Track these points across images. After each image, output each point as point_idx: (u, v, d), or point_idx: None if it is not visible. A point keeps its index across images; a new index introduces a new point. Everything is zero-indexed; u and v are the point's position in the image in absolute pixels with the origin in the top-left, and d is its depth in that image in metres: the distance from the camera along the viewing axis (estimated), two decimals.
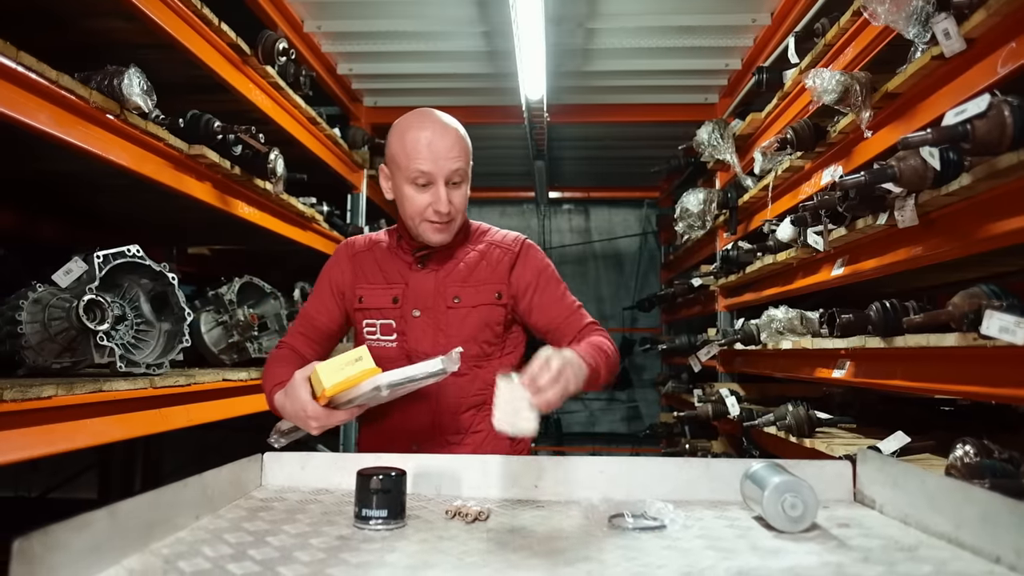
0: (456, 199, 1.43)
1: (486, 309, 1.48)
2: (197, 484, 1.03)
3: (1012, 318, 1.26)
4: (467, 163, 1.45)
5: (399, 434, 1.47)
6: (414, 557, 0.90)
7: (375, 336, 1.50)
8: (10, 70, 1.39)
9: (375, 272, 1.52)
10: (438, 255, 1.50)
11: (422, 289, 1.48)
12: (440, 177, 1.39)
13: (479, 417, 1.47)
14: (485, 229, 1.58)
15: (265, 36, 2.43)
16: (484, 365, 1.48)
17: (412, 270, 1.50)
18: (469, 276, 1.49)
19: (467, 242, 1.54)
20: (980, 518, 0.89)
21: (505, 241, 1.54)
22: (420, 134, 1.40)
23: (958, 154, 1.46)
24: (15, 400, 1.36)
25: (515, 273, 1.51)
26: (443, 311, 1.47)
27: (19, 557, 0.68)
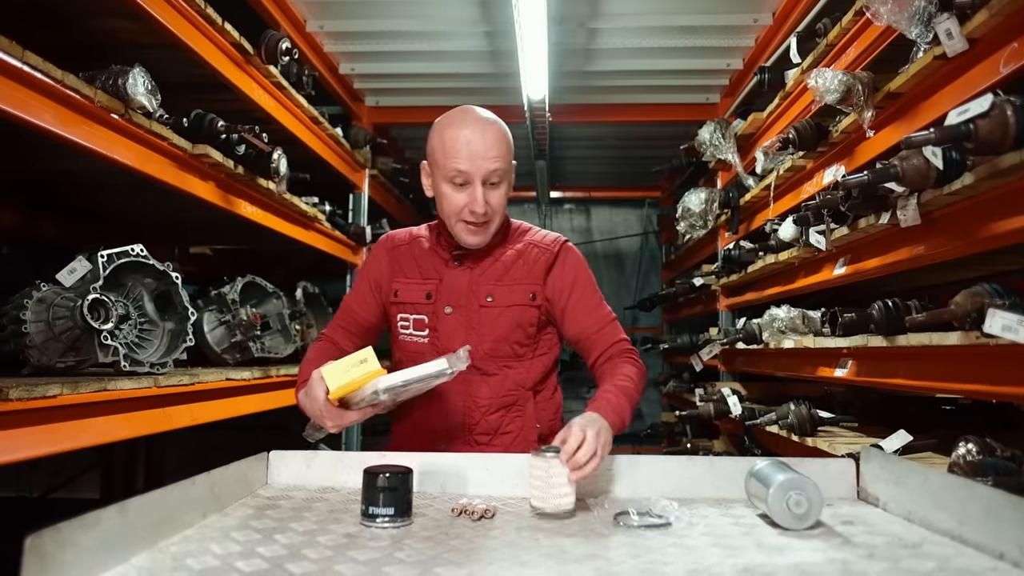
0: (494, 200, 1.41)
1: (519, 309, 1.46)
2: (205, 482, 1.03)
3: (1015, 316, 1.26)
4: (507, 163, 1.42)
5: (428, 433, 1.47)
6: (422, 554, 0.90)
7: (408, 331, 1.50)
8: (16, 69, 1.39)
9: (412, 267, 1.52)
10: (475, 252, 1.49)
11: (455, 286, 1.47)
12: (477, 177, 1.37)
13: (508, 418, 1.47)
14: (526, 228, 1.56)
15: (268, 36, 2.44)
16: (515, 366, 1.47)
17: (448, 267, 1.49)
18: (504, 275, 1.48)
19: (506, 241, 1.52)
20: (983, 515, 0.90)
21: (544, 241, 1.53)
22: (459, 132, 1.38)
23: (961, 153, 1.47)
24: (20, 399, 1.37)
25: (552, 275, 1.49)
26: (475, 309, 1.45)
27: (31, 554, 0.68)
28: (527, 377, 1.48)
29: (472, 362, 1.41)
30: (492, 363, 1.46)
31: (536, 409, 1.50)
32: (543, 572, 0.84)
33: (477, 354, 1.43)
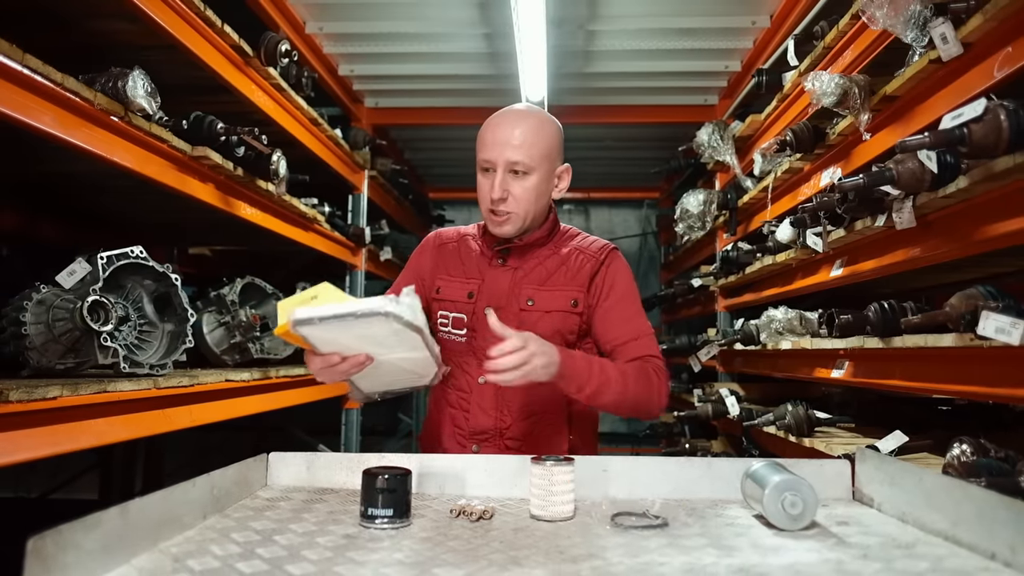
0: (516, 189, 1.41)
1: (560, 316, 1.44)
2: (205, 484, 1.04)
3: (1008, 319, 1.27)
4: (536, 158, 1.41)
5: (461, 434, 1.47)
6: (421, 555, 0.91)
7: (447, 328, 1.49)
8: (16, 72, 1.40)
9: (456, 264, 1.52)
10: (518, 253, 1.49)
11: (497, 287, 1.47)
12: (500, 164, 1.40)
13: (541, 426, 1.46)
14: (575, 233, 1.57)
15: (268, 38, 2.44)
16: None
17: (491, 266, 1.49)
18: (546, 280, 1.47)
19: (551, 243, 1.52)
20: (976, 515, 0.91)
21: (591, 248, 1.52)
22: (495, 121, 1.44)
23: (955, 157, 1.48)
24: (21, 401, 1.37)
25: (595, 282, 1.47)
26: (516, 312, 1.44)
27: (33, 556, 0.69)
28: None
29: None
30: None
31: (570, 420, 1.48)
32: (541, 572, 0.85)
33: None
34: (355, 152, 3.65)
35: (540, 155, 1.42)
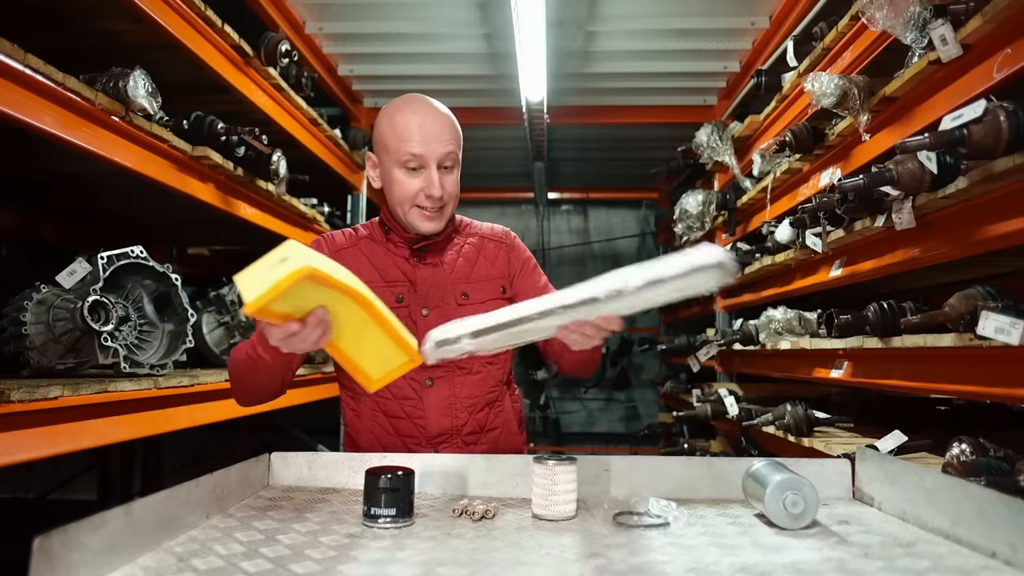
0: (448, 184, 1.39)
1: (493, 304, 1.42)
2: (208, 483, 1.04)
3: (1007, 319, 1.28)
4: (459, 148, 1.41)
5: (415, 442, 1.42)
6: (424, 554, 0.91)
7: None
8: (18, 72, 1.40)
9: (367, 269, 1.43)
10: (434, 248, 1.45)
11: (429, 287, 1.43)
12: (432, 160, 1.36)
13: (491, 414, 1.46)
14: (467, 221, 1.56)
15: (268, 38, 2.45)
16: (495, 361, 1.46)
17: (412, 265, 1.44)
18: (472, 272, 1.47)
19: (457, 234, 1.51)
20: (977, 514, 0.91)
21: (496, 234, 1.54)
22: (411, 116, 1.36)
23: (955, 158, 1.49)
24: (22, 401, 1.38)
25: (511, 264, 1.51)
26: (454, 308, 1.42)
27: (40, 555, 0.69)
28: (504, 371, 1.49)
29: (455, 362, 1.39)
30: (475, 360, 1.43)
31: (511, 402, 1.51)
32: (543, 571, 0.85)
33: None
34: (354, 152, 3.65)
35: (460, 145, 1.42)
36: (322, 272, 0.90)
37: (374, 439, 1.44)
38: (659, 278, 0.88)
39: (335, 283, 0.93)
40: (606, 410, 6.29)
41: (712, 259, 0.87)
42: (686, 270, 0.87)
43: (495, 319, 0.95)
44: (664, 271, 0.89)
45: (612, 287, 0.90)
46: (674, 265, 0.88)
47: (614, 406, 6.29)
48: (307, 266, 0.87)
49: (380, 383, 1.03)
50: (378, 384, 1.01)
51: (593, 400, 6.23)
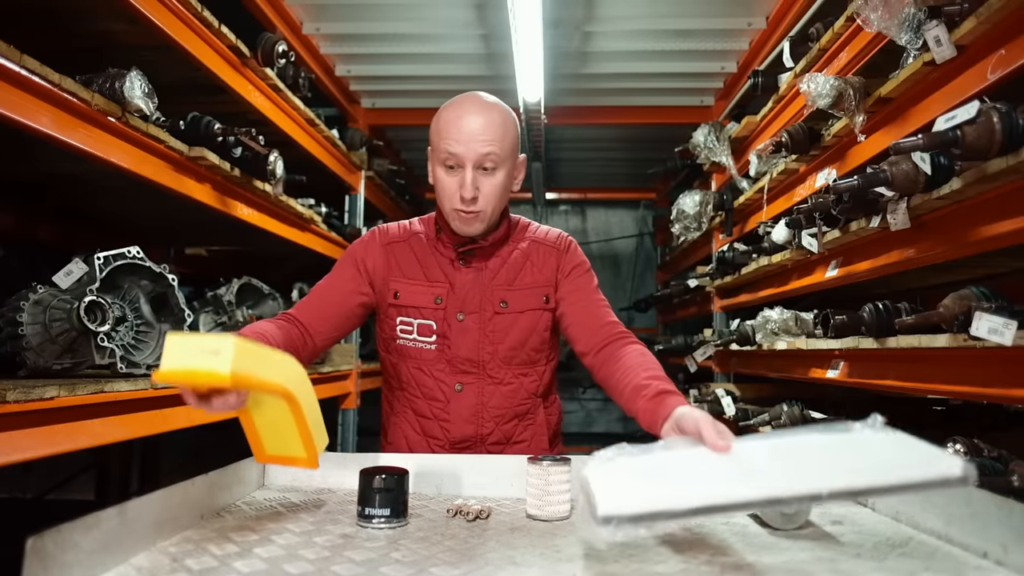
0: (486, 187, 1.32)
1: (534, 315, 1.41)
2: (203, 483, 1.04)
3: (1001, 320, 1.28)
4: (504, 150, 1.33)
5: (439, 444, 1.42)
6: (418, 554, 0.91)
7: (411, 336, 1.41)
8: (14, 73, 1.40)
9: (413, 266, 1.42)
10: (481, 252, 1.42)
11: (468, 291, 1.40)
12: (469, 160, 1.30)
13: (521, 427, 1.43)
14: (527, 224, 1.50)
15: (265, 38, 2.45)
16: (529, 373, 1.43)
17: (455, 268, 1.41)
18: (515, 279, 1.42)
19: (510, 238, 1.46)
20: (969, 514, 0.92)
21: (549, 239, 1.48)
22: (455, 112, 1.32)
23: (948, 159, 1.49)
24: (18, 401, 1.37)
25: (560, 273, 1.44)
26: (490, 316, 1.40)
27: (33, 555, 0.69)
28: (539, 384, 1.45)
29: (486, 370, 1.39)
30: (507, 371, 1.41)
31: (546, 415, 1.47)
32: (537, 571, 0.86)
33: (492, 362, 1.40)
34: (352, 152, 3.65)
35: (509, 148, 1.35)
36: (244, 376, 0.87)
37: (401, 434, 1.44)
38: (890, 485, 0.74)
39: (257, 384, 0.91)
40: (604, 410, 6.29)
41: (955, 473, 0.74)
42: (925, 481, 0.73)
43: (671, 502, 0.74)
44: (900, 476, 0.73)
45: (835, 486, 0.72)
46: (910, 471, 0.74)
47: (612, 406, 6.29)
48: (230, 374, 0.84)
49: (267, 459, 1.01)
50: (265, 459, 0.98)
51: (591, 400, 6.24)
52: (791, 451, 0.81)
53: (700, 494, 0.72)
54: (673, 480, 0.75)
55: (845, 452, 0.79)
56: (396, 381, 1.46)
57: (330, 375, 3.23)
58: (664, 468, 0.79)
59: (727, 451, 0.85)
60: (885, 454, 0.76)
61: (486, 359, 1.40)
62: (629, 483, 0.74)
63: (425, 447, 1.42)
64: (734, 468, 0.79)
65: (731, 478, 0.75)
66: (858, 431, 0.82)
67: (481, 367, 1.40)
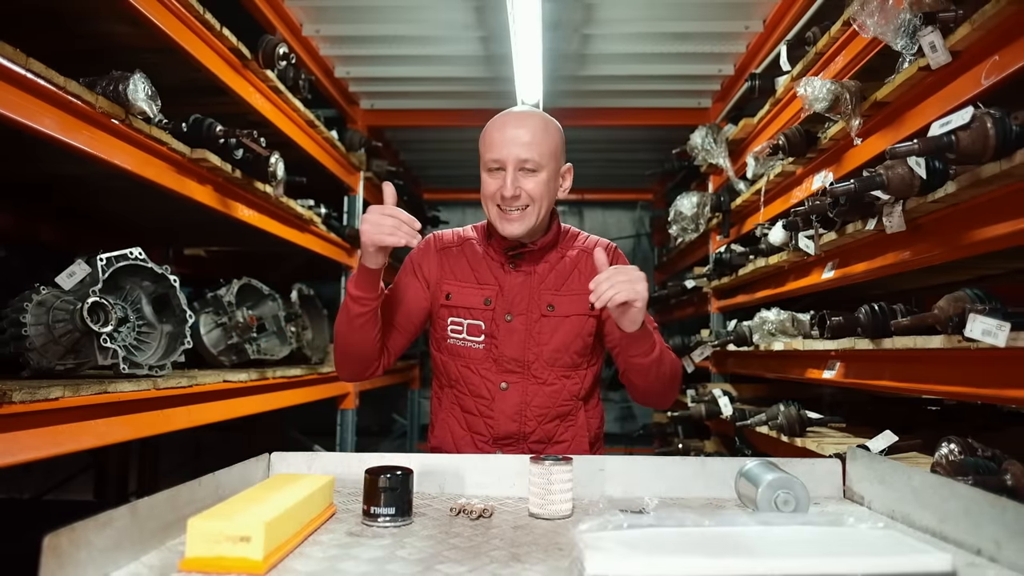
0: (528, 185, 1.41)
1: (579, 320, 1.47)
2: (210, 483, 1.05)
3: (994, 321, 1.31)
4: (543, 155, 1.42)
5: (483, 440, 1.48)
6: (423, 552, 0.93)
7: (460, 335, 1.48)
8: (19, 76, 1.41)
9: (465, 270, 1.51)
10: (530, 257, 1.49)
11: (516, 293, 1.47)
12: (509, 162, 1.41)
13: (562, 427, 1.48)
14: (575, 233, 1.58)
15: (266, 40, 2.46)
16: (572, 375, 1.48)
17: (505, 271, 1.49)
18: (563, 284, 1.49)
19: (558, 245, 1.53)
20: (963, 512, 0.94)
21: (598, 248, 1.51)
22: (498, 123, 1.45)
23: (943, 163, 1.51)
24: (24, 402, 1.39)
25: None
26: (537, 318, 1.46)
27: (49, 553, 0.71)
28: (581, 387, 1.50)
29: (531, 370, 1.45)
30: (551, 372, 1.47)
31: (587, 418, 1.52)
32: (540, 569, 0.87)
33: (537, 363, 1.46)
34: (351, 154, 3.66)
35: (548, 152, 1.44)
36: (277, 554, 0.86)
37: (447, 429, 1.51)
38: (881, 573, 0.76)
39: (289, 551, 0.90)
40: None
41: (944, 568, 0.77)
42: (913, 573, 0.76)
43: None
44: (891, 566, 0.76)
45: (826, 571, 0.75)
46: (901, 560, 0.77)
47: (609, 406, 6.32)
48: (263, 560, 0.82)
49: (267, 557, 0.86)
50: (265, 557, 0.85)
51: None
52: (784, 536, 0.85)
53: (689, 565, 0.75)
54: (662, 550, 0.78)
55: (838, 542, 0.83)
56: (446, 379, 1.53)
57: (329, 375, 3.24)
58: (654, 539, 0.82)
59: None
60: (878, 545, 0.81)
61: (531, 359, 1.46)
62: (619, 549, 0.77)
63: (469, 442, 1.48)
64: (726, 545, 0.81)
65: (722, 554, 0.77)
66: (851, 525, 0.87)
67: (526, 367, 1.46)
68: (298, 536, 0.95)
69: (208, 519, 0.85)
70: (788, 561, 0.75)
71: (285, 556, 0.89)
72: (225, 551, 0.83)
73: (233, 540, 0.83)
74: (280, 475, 1.19)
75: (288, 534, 0.92)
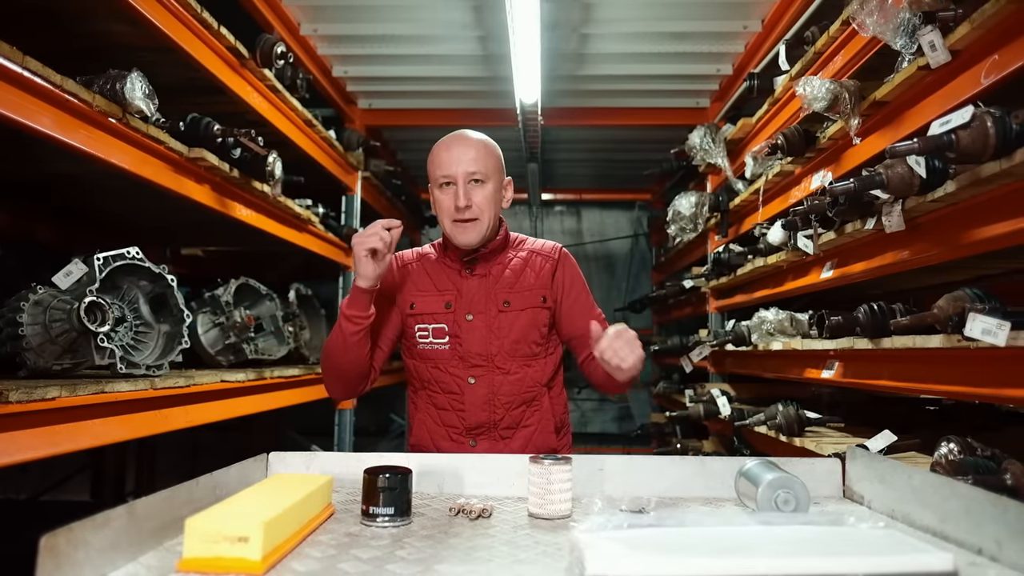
0: (477, 196, 1.55)
1: (533, 312, 1.60)
2: (208, 483, 1.05)
3: (994, 320, 1.30)
4: (489, 169, 1.57)
5: (456, 432, 1.58)
6: (423, 552, 0.93)
7: (427, 339, 1.61)
8: (16, 74, 1.40)
9: (425, 280, 1.64)
10: (484, 261, 1.62)
11: (474, 295, 1.60)
12: (460, 177, 1.54)
13: (528, 412, 1.60)
14: (523, 238, 1.72)
15: (263, 40, 2.45)
16: (532, 364, 1.61)
17: (462, 277, 1.62)
18: (516, 283, 1.62)
19: (508, 249, 1.66)
20: (964, 512, 0.94)
21: (545, 249, 1.69)
22: (444, 145, 1.59)
23: (943, 162, 1.51)
24: (20, 401, 1.38)
25: (556, 279, 1.64)
26: (495, 314, 1.59)
27: (46, 553, 0.70)
28: (543, 374, 1.62)
29: (495, 362, 1.58)
30: (513, 362, 1.59)
31: (551, 403, 1.63)
32: (540, 569, 0.87)
33: (499, 355, 1.58)
34: (349, 153, 3.65)
35: (492, 167, 1.58)
36: (275, 554, 0.86)
37: (423, 428, 1.62)
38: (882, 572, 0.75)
39: (287, 551, 0.90)
40: (599, 410, 6.31)
41: (946, 567, 0.77)
42: (914, 572, 0.76)
43: None
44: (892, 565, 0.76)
45: (827, 570, 0.75)
46: (901, 560, 0.77)
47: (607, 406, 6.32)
48: (261, 560, 0.82)
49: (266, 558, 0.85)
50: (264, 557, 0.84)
51: (586, 400, 6.26)
52: (784, 536, 0.85)
53: (689, 564, 0.74)
54: (662, 550, 0.78)
55: (839, 541, 0.82)
56: (419, 382, 1.65)
57: None
58: (654, 539, 0.81)
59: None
60: (879, 545, 0.80)
61: (493, 352, 1.58)
62: (619, 549, 0.77)
63: (444, 435, 1.59)
64: (726, 545, 0.80)
65: (723, 553, 0.77)
66: (852, 525, 0.87)
67: (489, 360, 1.58)
68: (297, 536, 0.95)
69: (206, 519, 0.85)
70: (789, 561, 0.75)
71: (283, 556, 0.89)
72: (223, 551, 0.82)
73: (231, 540, 0.82)
74: (278, 475, 1.18)
75: (287, 534, 0.92)
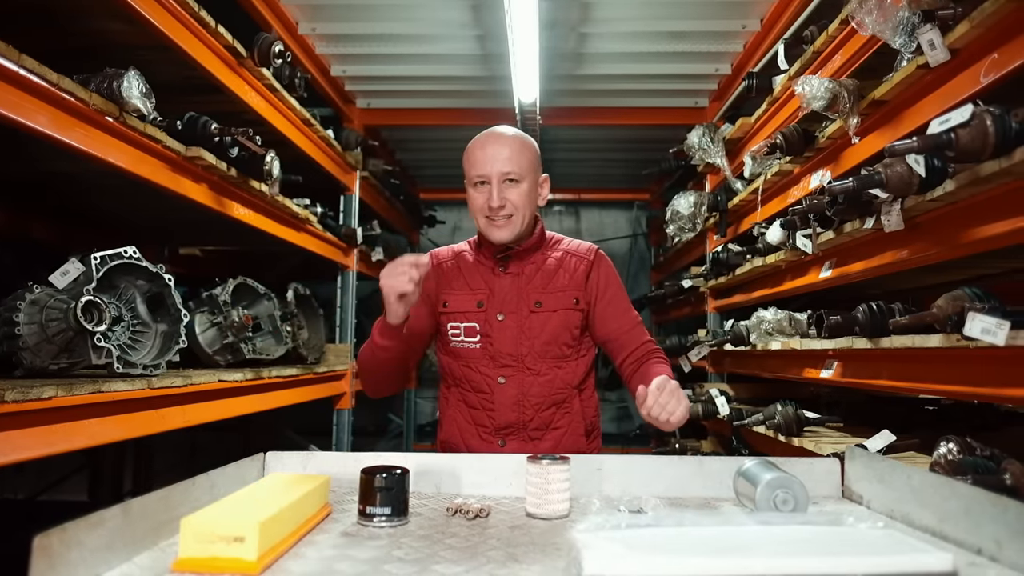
0: (511, 195, 1.55)
1: (565, 313, 1.60)
2: (204, 483, 1.04)
3: (993, 320, 1.30)
4: (524, 168, 1.56)
5: (486, 431, 1.59)
6: (420, 552, 0.92)
7: (459, 338, 1.61)
8: (12, 73, 1.40)
9: (459, 279, 1.64)
10: (517, 260, 1.62)
11: (506, 294, 1.60)
12: (493, 176, 1.54)
13: (559, 414, 1.60)
14: (560, 238, 1.71)
15: (261, 38, 2.44)
16: (563, 366, 1.61)
17: (495, 275, 1.62)
18: (549, 283, 1.61)
19: (543, 249, 1.66)
20: (963, 512, 0.93)
21: (580, 250, 1.68)
22: (479, 143, 1.59)
23: (942, 161, 1.51)
24: (16, 401, 1.37)
25: (590, 281, 1.63)
26: (526, 315, 1.59)
27: (40, 553, 0.69)
28: (573, 376, 1.62)
29: (525, 363, 1.58)
30: (543, 364, 1.59)
31: (581, 406, 1.63)
32: (537, 569, 0.86)
33: (530, 355, 1.58)
34: (347, 153, 3.65)
35: (527, 166, 1.58)
36: (271, 554, 0.85)
37: (454, 425, 1.64)
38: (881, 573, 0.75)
39: (283, 552, 0.89)
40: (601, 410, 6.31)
41: (945, 568, 0.77)
42: (913, 572, 0.76)
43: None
44: (891, 565, 0.75)
45: (826, 570, 0.74)
46: (901, 560, 0.76)
47: (606, 406, 6.31)
48: (257, 560, 0.82)
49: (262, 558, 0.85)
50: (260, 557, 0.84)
51: None
52: (783, 536, 0.84)
53: (687, 565, 0.74)
54: (661, 550, 0.77)
55: (838, 541, 0.82)
56: (451, 379, 1.66)
57: (325, 375, 3.22)
58: (652, 539, 0.81)
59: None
60: (878, 545, 0.80)
61: (524, 353, 1.58)
62: (617, 549, 0.76)
63: (474, 434, 1.60)
64: (725, 545, 0.80)
65: (721, 553, 0.76)
66: (851, 525, 0.86)
67: (520, 360, 1.59)
68: (293, 536, 0.94)
69: (201, 519, 0.84)
70: (788, 561, 0.75)
71: (280, 556, 0.88)
72: (219, 551, 0.82)
73: (227, 540, 0.82)
74: (275, 475, 1.18)
75: (283, 534, 0.91)
